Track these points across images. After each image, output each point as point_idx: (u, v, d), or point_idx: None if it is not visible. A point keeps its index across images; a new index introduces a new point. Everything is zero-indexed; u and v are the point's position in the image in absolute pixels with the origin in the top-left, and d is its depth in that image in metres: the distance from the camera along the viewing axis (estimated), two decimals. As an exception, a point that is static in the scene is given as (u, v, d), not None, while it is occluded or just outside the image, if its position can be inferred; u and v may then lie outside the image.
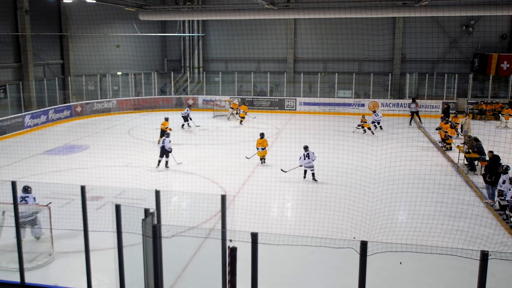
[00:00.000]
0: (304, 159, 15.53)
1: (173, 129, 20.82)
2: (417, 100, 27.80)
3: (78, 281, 8.82)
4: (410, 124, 26.70)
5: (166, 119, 20.98)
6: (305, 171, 15.66)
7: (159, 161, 17.31)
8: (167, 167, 17.25)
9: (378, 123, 24.86)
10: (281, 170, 16.10)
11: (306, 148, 15.76)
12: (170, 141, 17.32)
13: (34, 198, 10.76)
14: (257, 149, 17.80)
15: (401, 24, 31.47)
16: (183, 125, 25.40)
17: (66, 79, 29.74)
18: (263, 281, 8.83)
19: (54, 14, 29.11)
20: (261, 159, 17.84)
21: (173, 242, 6.86)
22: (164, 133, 18.94)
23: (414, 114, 27.09)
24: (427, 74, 30.75)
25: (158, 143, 19.22)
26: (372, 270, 9.15)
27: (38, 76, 27.74)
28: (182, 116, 25.48)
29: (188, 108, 25.96)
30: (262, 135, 17.96)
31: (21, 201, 10.32)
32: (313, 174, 15.49)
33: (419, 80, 31.61)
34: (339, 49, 31.57)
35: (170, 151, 17.25)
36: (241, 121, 27.26)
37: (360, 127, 24.11)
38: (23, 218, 9.90)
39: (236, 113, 28.36)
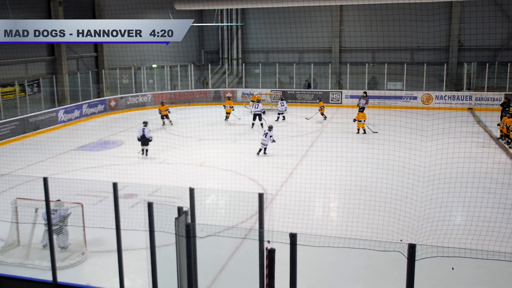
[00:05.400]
0: (264, 137, 18.70)
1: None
2: (367, 96, 27.17)
3: (111, 281, 9.05)
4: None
5: (162, 103, 25.39)
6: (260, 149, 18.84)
7: (142, 150, 18.94)
8: (146, 155, 18.79)
9: (282, 113, 26.67)
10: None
11: (270, 128, 19.00)
12: (150, 130, 19.04)
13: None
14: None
15: (458, 8, 30.58)
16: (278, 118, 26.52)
17: (100, 72, 30.53)
18: (304, 285, 8.82)
19: (87, 5, 29.93)
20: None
21: (209, 243, 6.94)
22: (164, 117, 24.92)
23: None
24: (487, 64, 29.71)
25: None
26: (423, 277, 8.97)
27: (71, 69, 28.62)
28: (279, 112, 26.63)
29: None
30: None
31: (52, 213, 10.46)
32: (264, 149, 18.77)
33: (479, 70, 30.64)
34: (389, 37, 30.95)
35: (151, 140, 18.82)
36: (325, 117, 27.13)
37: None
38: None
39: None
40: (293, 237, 5.49)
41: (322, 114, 26.90)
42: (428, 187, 12.61)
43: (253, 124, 24.16)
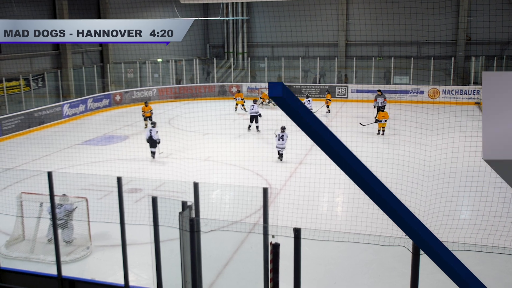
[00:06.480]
0: (278, 140, 17.20)
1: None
2: (383, 93, 25.24)
3: (116, 275, 9.10)
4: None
5: (146, 104, 23.63)
6: (278, 151, 17.34)
7: (153, 152, 17.91)
8: (153, 157, 17.83)
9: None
10: (360, 123, 21.72)
11: (283, 129, 17.29)
12: (157, 132, 17.88)
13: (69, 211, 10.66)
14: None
15: (466, 1, 30.38)
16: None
17: (105, 66, 30.56)
18: (309, 280, 8.84)
19: (92, -1, 29.97)
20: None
21: (213, 237, 6.96)
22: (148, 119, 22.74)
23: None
24: (495, 58, 29.55)
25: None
26: (429, 272, 8.97)
27: (76, 64, 28.66)
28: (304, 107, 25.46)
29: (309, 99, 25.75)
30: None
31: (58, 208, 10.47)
32: (281, 154, 17.28)
33: (486, 64, 30.45)
34: (396, 31, 30.80)
35: (158, 142, 17.77)
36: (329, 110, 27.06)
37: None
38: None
39: (268, 102, 28.65)
40: (297, 232, 5.50)
41: (328, 106, 26.92)
42: (434, 182, 12.60)
43: (249, 126, 22.30)
